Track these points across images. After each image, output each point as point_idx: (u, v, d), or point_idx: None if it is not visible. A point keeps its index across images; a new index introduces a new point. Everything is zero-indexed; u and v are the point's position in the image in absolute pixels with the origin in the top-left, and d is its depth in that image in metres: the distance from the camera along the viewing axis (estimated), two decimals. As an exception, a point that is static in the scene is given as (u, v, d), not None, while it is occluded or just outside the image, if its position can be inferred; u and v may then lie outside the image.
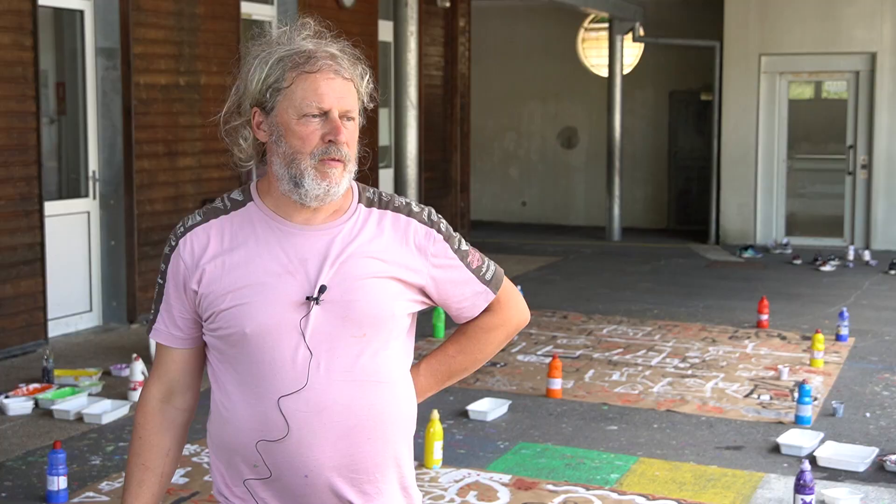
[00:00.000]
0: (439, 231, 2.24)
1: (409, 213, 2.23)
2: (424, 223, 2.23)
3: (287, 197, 2.15)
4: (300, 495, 2.14)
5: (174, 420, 2.26)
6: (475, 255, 2.30)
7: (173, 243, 2.20)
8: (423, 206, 2.28)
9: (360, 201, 2.22)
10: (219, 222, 2.20)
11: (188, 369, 2.25)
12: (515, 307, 2.36)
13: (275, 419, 2.10)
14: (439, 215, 2.29)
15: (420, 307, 2.25)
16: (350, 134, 2.14)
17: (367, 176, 2.22)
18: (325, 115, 2.11)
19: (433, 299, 2.26)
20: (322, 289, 2.11)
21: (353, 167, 2.16)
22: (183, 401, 2.26)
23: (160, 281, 2.23)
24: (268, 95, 2.13)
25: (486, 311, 2.32)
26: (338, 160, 2.12)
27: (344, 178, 2.13)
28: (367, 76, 2.20)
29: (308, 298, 2.11)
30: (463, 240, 2.31)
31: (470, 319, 2.32)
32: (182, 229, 2.21)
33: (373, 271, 2.15)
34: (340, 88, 2.12)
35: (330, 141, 2.10)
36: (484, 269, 2.30)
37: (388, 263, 2.17)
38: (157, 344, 2.26)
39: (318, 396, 2.11)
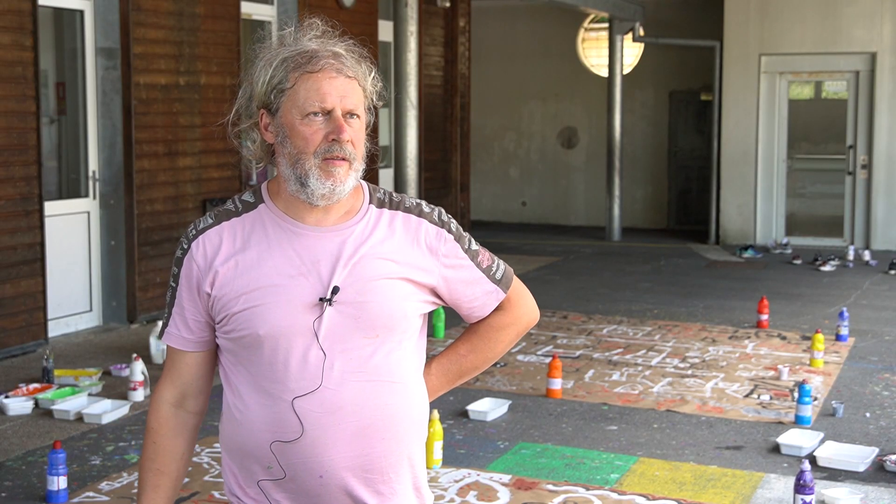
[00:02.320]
0: (450, 231, 2.25)
1: (420, 214, 2.23)
2: (435, 223, 2.23)
3: (296, 197, 2.15)
4: (314, 496, 2.14)
5: (186, 424, 2.26)
6: (485, 255, 2.31)
7: (185, 246, 2.20)
8: (432, 206, 2.28)
9: (370, 202, 2.21)
10: (230, 224, 2.19)
11: (201, 373, 2.25)
12: (526, 305, 2.38)
13: (289, 420, 2.11)
14: (449, 215, 2.29)
15: (431, 307, 2.26)
16: (355, 132, 2.13)
17: (371, 174, 2.22)
18: (328, 114, 2.11)
19: (444, 299, 2.26)
20: (335, 290, 2.11)
21: (359, 166, 2.15)
22: (195, 404, 2.26)
23: (172, 284, 2.22)
24: (273, 97, 2.13)
25: (496, 309, 2.33)
26: (342, 159, 2.11)
27: (350, 177, 2.13)
28: (373, 74, 2.19)
29: (321, 300, 2.11)
30: (473, 239, 2.31)
31: (481, 319, 2.33)
32: (194, 232, 2.20)
33: (385, 272, 2.15)
34: (343, 87, 2.11)
35: (333, 140, 2.10)
36: (494, 269, 2.31)
37: (400, 264, 2.17)
38: (169, 348, 2.26)
39: (333, 397, 2.11)
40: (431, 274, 2.21)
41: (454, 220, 2.30)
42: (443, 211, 2.28)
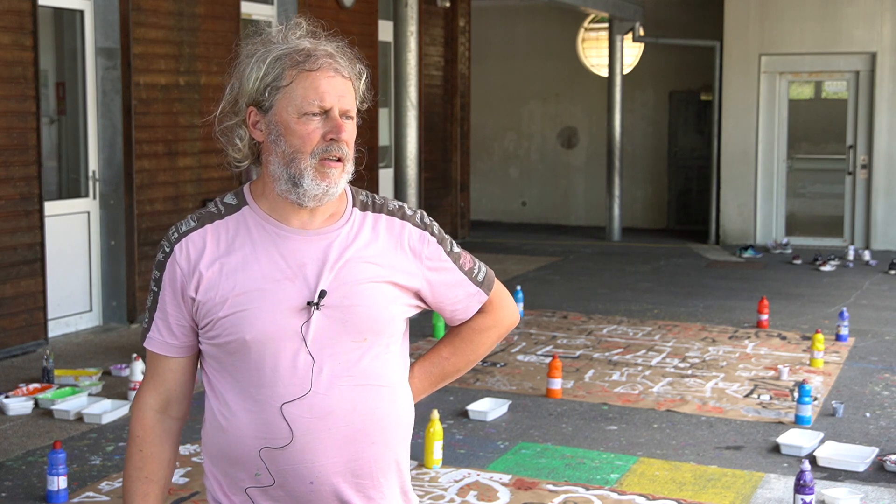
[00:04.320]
0: (433, 234, 2.24)
1: (403, 217, 2.22)
2: (418, 226, 2.22)
3: (283, 199, 2.13)
4: (304, 502, 2.13)
5: (171, 430, 2.24)
6: (466, 257, 2.30)
7: (167, 249, 2.17)
8: (414, 209, 2.27)
9: (354, 205, 2.20)
10: (214, 227, 2.17)
11: (184, 379, 2.22)
12: (507, 308, 2.36)
13: (278, 426, 2.09)
14: (431, 218, 2.29)
15: (415, 311, 2.25)
16: (349, 133, 2.12)
17: (362, 176, 2.22)
18: (325, 113, 2.10)
19: (428, 302, 2.25)
20: (322, 294, 2.10)
21: (351, 167, 2.14)
22: (179, 410, 2.24)
23: (154, 288, 2.19)
24: (266, 94, 2.10)
25: (478, 312, 2.32)
26: (338, 159, 2.10)
27: (342, 178, 2.13)
28: (365, 76, 2.19)
29: (309, 304, 2.10)
30: (454, 242, 2.31)
31: (463, 321, 2.32)
32: (176, 235, 2.18)
33: (371, 276, 2.14)
34: (341, 87, 2.11)
35: (332, 139, 2.09)
36: (476, 271, 2.30)
37: (385, 268, 2.16)
38: (151, 353, 2.22)
39: (322, 402, 2.10)
40: (415, 277, 2.20)
41: (436, 223, 2.29)
42: (424, 213, 2.27)
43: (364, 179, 2.27)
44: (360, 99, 2.17)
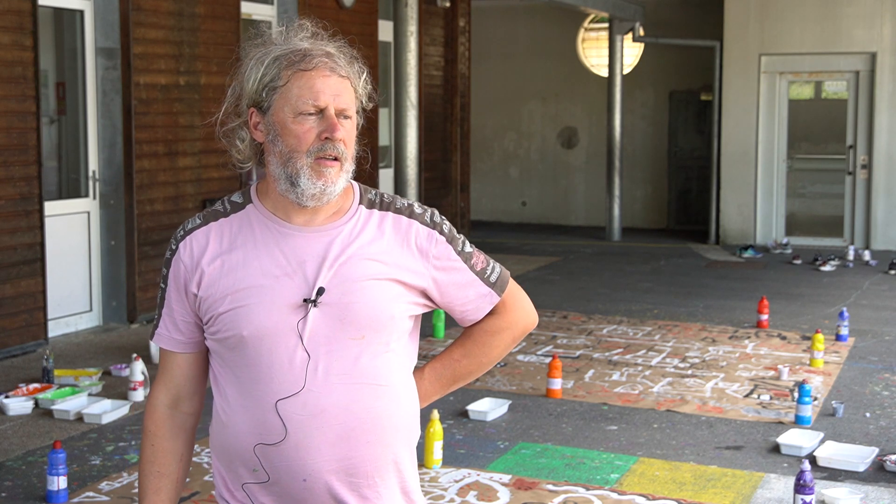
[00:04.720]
0: (441, 233, 2.22)
1: (411, 215, 2.20)
2: (426, 225, 2.20)
3: (285, 198, 2.14)
4: (299, 499, 2.13)
5: (183, 425, 2.26)
6: (479, 257, 2.27)
7: (174, 247, 2.20)
8: (425, 207, 2.25)
9: (360, 202, 2.20)
10: (218, 225, 2.18)
11: (193, 374, 2.25)
12: (522, 310, 2.33)
13: (272, 423, 2.10)
14: (442, 217, 2.27)
15: (423, 310, 2.23)
16: (347, 132, 2.12)
17: (372, 175, 2.22)
18: (320, 112, 2.10)
19: (436, 302, 2.23)
20: (320, 291, 2.10)
21: (350, 166, 2.14)
22: (190, 405, 2.26)
23: (162, 285, 2.23)
24: (264, 95, 2.11)
25: (491, 313, 2.29)
26: (334, 158, 2.10)
27: (340, 178, 2.12)
28: (365, 75, 2.18)
29: (305, 301, 2.10)
30: (467, 241, 2.28)
31: (475, 322, 2.29)
32: (182, 233, 2.20)
33: (372, 273, 2.13)
34: (336, 86, 2.10)
35: (326, 138, 2.09)
36: (489, 271, 2.27)
37: (388, 265, 2.15)
38: (162, 349, 2.25)
39: (316, 399, 2.09)
40: (421, 276, 2.18)
41: (447, 222, 2.27)
42: (436, 212, 2.25)
43: (375, 178, 2.27)
44: (364, 98, 2.17)
